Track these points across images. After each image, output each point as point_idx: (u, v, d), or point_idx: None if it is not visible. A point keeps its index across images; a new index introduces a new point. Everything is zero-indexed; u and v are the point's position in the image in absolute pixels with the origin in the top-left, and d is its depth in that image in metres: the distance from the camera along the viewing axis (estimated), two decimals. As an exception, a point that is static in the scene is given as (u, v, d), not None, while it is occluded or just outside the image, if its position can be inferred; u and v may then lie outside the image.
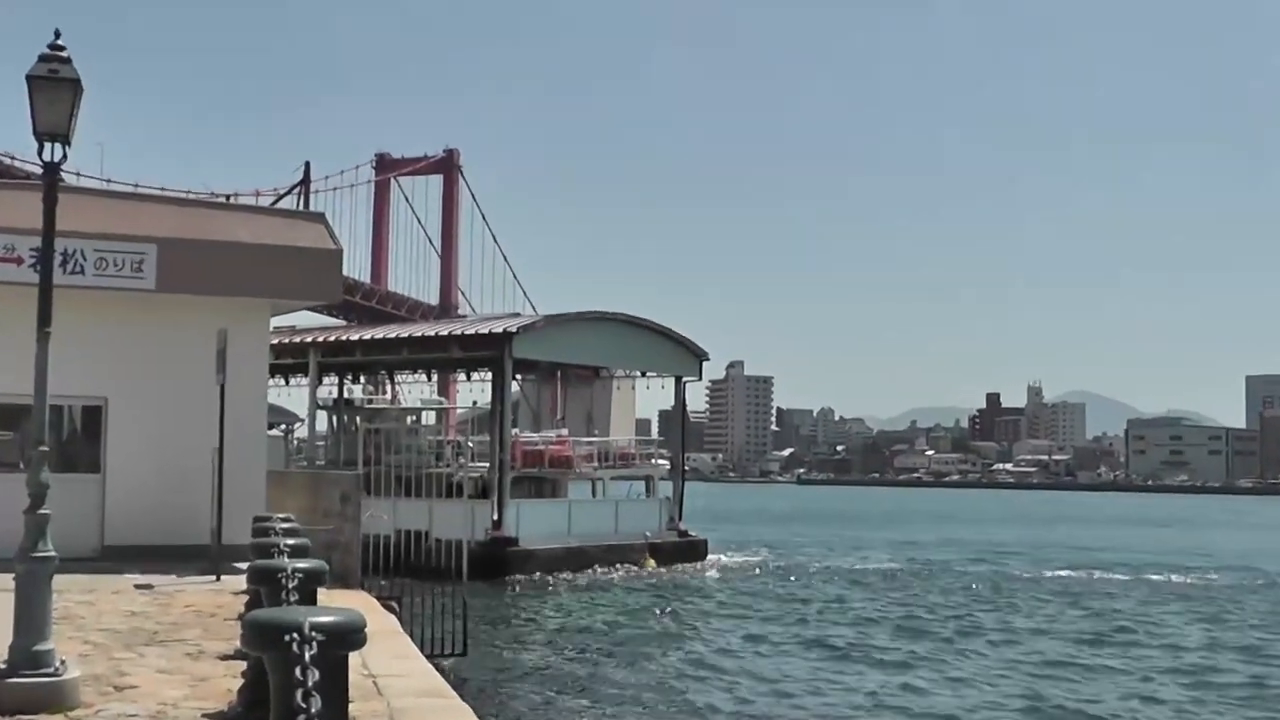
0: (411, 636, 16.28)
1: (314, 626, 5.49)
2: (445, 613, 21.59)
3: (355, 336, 52.03)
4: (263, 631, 5.65)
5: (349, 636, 5.72)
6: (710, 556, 51.52)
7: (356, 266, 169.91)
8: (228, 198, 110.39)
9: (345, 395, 56.23)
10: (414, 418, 52.24)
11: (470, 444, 48.39)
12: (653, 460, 53.69)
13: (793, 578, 46.08)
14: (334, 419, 53.83)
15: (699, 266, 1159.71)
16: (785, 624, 32.97)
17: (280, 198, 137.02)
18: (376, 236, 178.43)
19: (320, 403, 54.22)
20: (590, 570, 44.61)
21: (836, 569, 50.34)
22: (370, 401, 55.87)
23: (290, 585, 8.26)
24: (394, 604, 18.86)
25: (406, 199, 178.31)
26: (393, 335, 50.71)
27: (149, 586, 17.14)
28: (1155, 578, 49.04)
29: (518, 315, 57.77)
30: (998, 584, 45.02)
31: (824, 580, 45.55)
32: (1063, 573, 49.72)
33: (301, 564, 8.88)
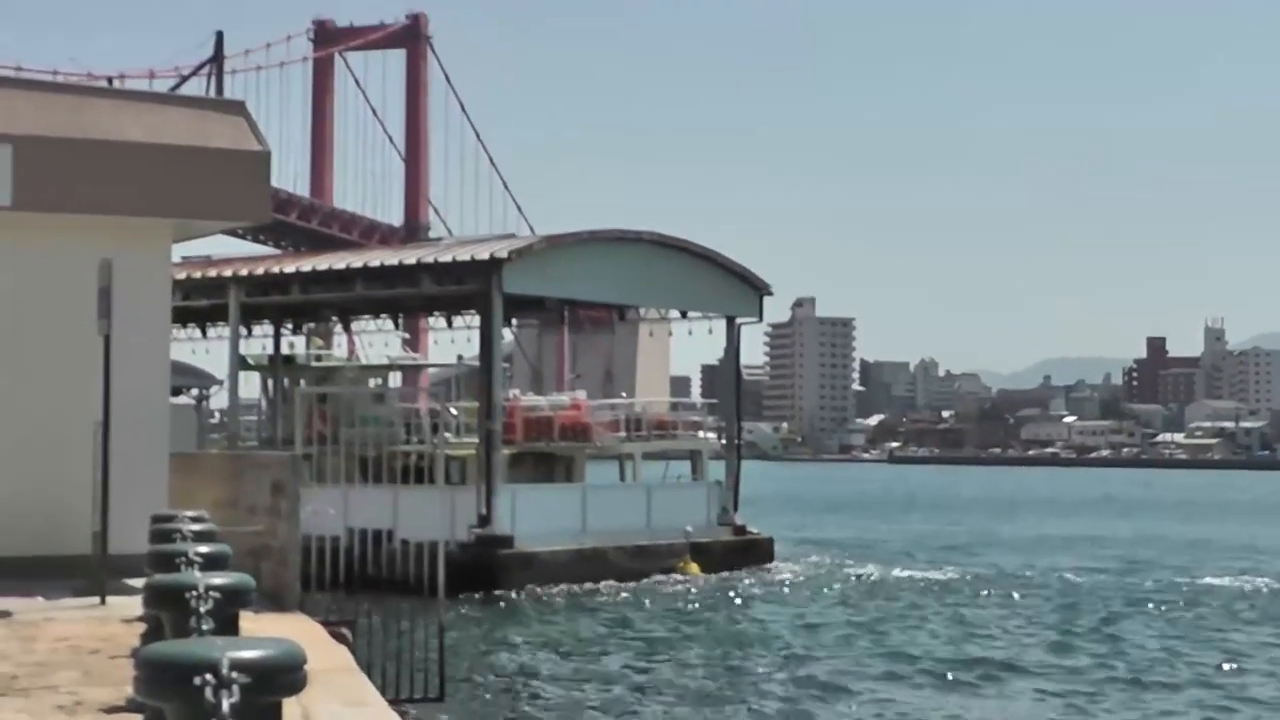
0: (370, 675, 16.23)
1: (236, 664, 5.45)
2: (415, 642, 21.61)
3: (291, 268, 52.13)
4: (165, 672, 5.58)
5: (283, 677, 5.67)
6: (777, 561, 51.63)
7: (291, 175, 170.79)
8: (110, 80, 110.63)
9: (284, 350, 56.46)
10: (379, 379, 52.48)
11: (454, 412, 48.56)
12: (699, 431, 53.79)
13: (906, 590, 46.12)
14: (268, 382, 54.03)
15: (753, 178, 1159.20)
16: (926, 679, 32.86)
17: (183, 80, 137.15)
18: (317, 134, 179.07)
19: (250, 360, 54.38)
20: (613, 580, 44.80)
21: (979, 578, 50.33)
22: (319, 359, 56.12)
23: (203, 608, 8.15)
24: (346, 631, 18.85)
25: (357, 82, 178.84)
26: (341, 266, 50.79)
27: (5, 614, 17.13)
28: None
29: (512, 237, 57.74)
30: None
31: (967, 599, 45.21)
32: None
33: (218, 579, 8.76)
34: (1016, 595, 45.45)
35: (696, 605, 42.14)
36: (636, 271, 50.85)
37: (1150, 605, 43.25)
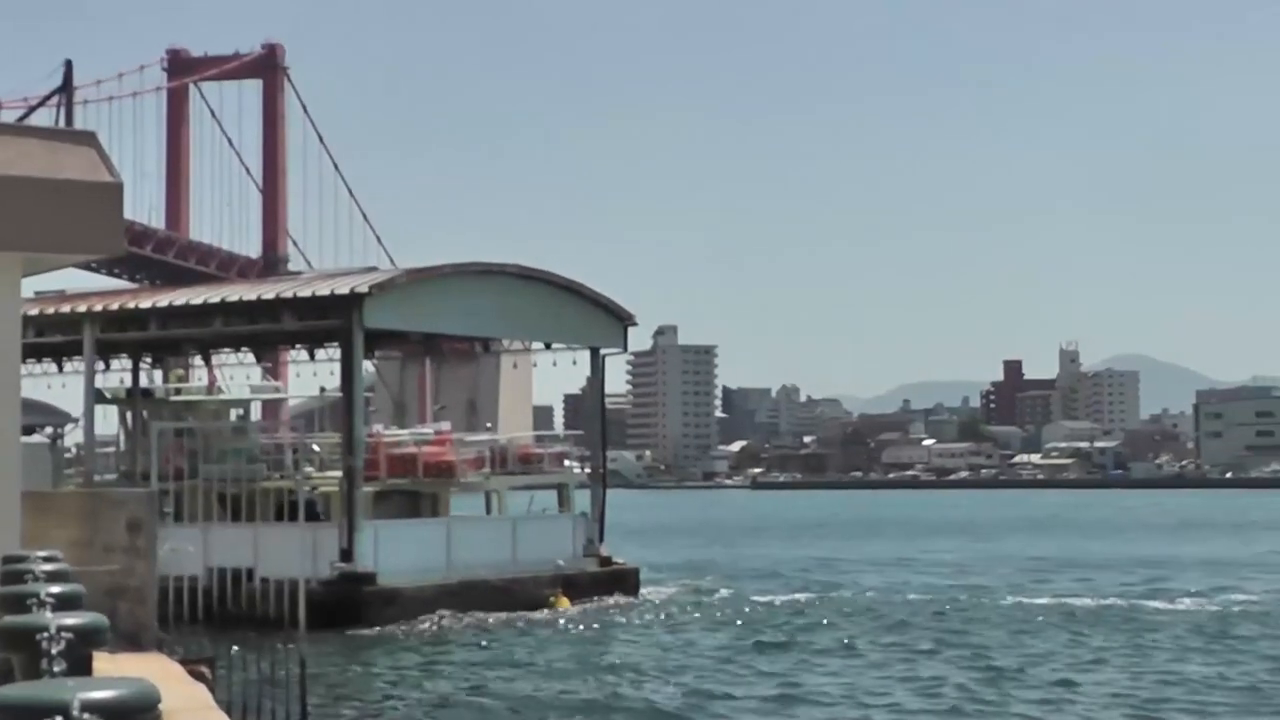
0: (230, 713, 16.02)
1: (87, 705, 5.30)
2: (276, 679, 21.34)
3: (148, 303, 51.38)
4: (14, 716, 5.40)
5: (136, 717, 5.53)
6: (644, 591, 51.64)
7: (145, 207, 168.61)
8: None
9: (142, 384, 55.68)
10: (240, 411, 51.83)
11: (317, 447, 48.08)
12: (565, 463, 53.70)
13: (766, 613, 46.31)
14: (126, 416, 53.26)
15: (614, 207, 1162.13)
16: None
17: (31, 110, 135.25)
18: (172, 165, 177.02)
19: (107, 394, 53.56)
20: (479, 614, 44.53)
21: (838, 600, 50.95)
22: (178, 392, 55.39)
23: (54, 650, 7.96)
24: (205, 670, 18.59)
25: (213, 113, 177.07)
26: (199, 301, 50.11)
27: None
28: None
29: (373, 270, 57.34)
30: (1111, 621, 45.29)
31: (831, 619, 45.58)
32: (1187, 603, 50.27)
33: (71, 619, 8.56)
34: (865, 616, 46.38)
35: (564, 637, 41.99)
36: (499, 304, 50.65)
37: (980, 624, 44.37)
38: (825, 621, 45.01)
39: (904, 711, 29.99)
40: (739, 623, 44.69)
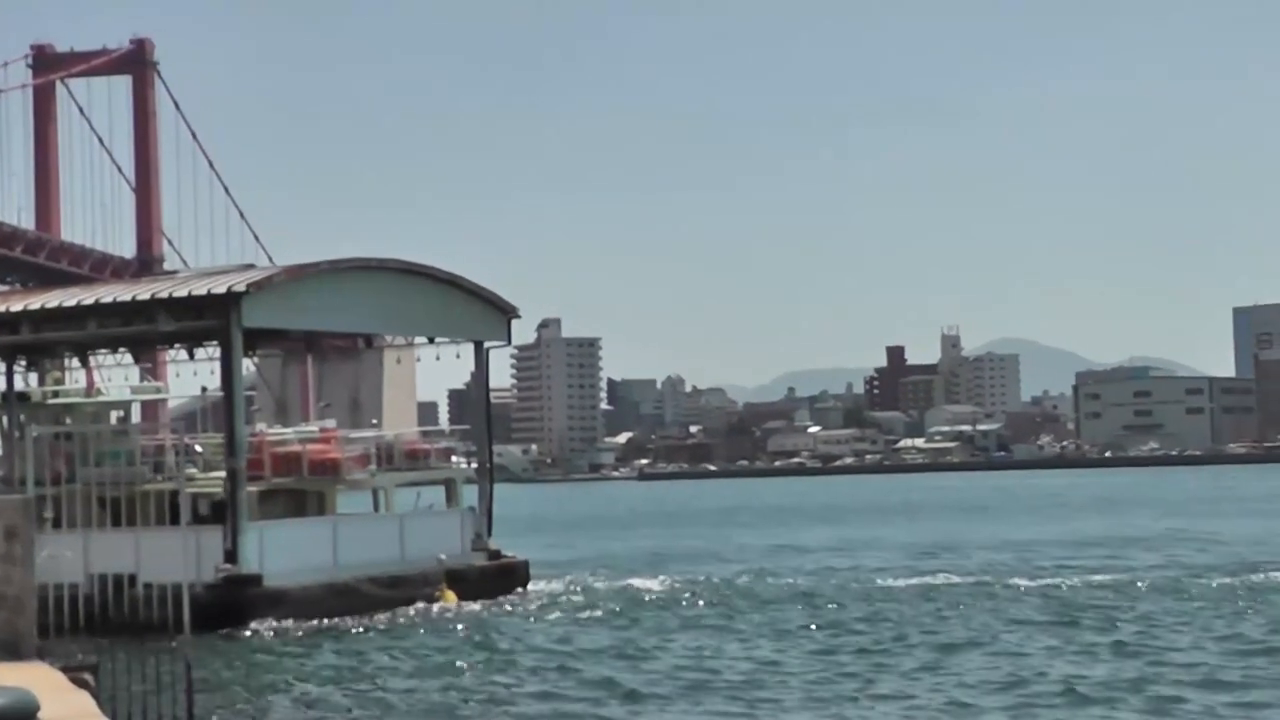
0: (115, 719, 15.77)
1: None
2: (161, 685, 21.04)
3: (19, 306, 50.52)
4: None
5: (18, 732, 5.42)
6: (533, 585, 51.47)
7: (14, 208, 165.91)
8: None
9: (18, 387, 54.69)
10: (120, 413, 51.02)
11: (199, 448, 47.45)
12: (451, 459, 53.36)
13: (652, 602, 46.33)
14: (2, 420, 52.34)
15: (495, 200, 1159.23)
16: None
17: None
18: (41, 165, 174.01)
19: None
20: (368, 612, 44.18)
21: (720, 586, 51.05)
22: (55, 394, 54.46)
23: (-70, 663, 7.77)
24: (88, 677, 18.31)
25: (82, 110, 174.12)
26: (73, 303, 49.30)
27: None
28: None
29: (251, 268, 56.74)
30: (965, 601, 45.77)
31: (715, 606, 45.70)
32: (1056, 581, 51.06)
33: (-54, 631, 8.36)
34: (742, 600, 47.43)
35: (449, 632, 41.71)
36: (381, 300, 50.23)
37: (836, 604, 45.55)
38: (711, 609, 45.25)
39: (783, 694, 30.21)
40: (627, 614, 44.66)
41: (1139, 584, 49.32)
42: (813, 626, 40.44)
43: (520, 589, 50.68)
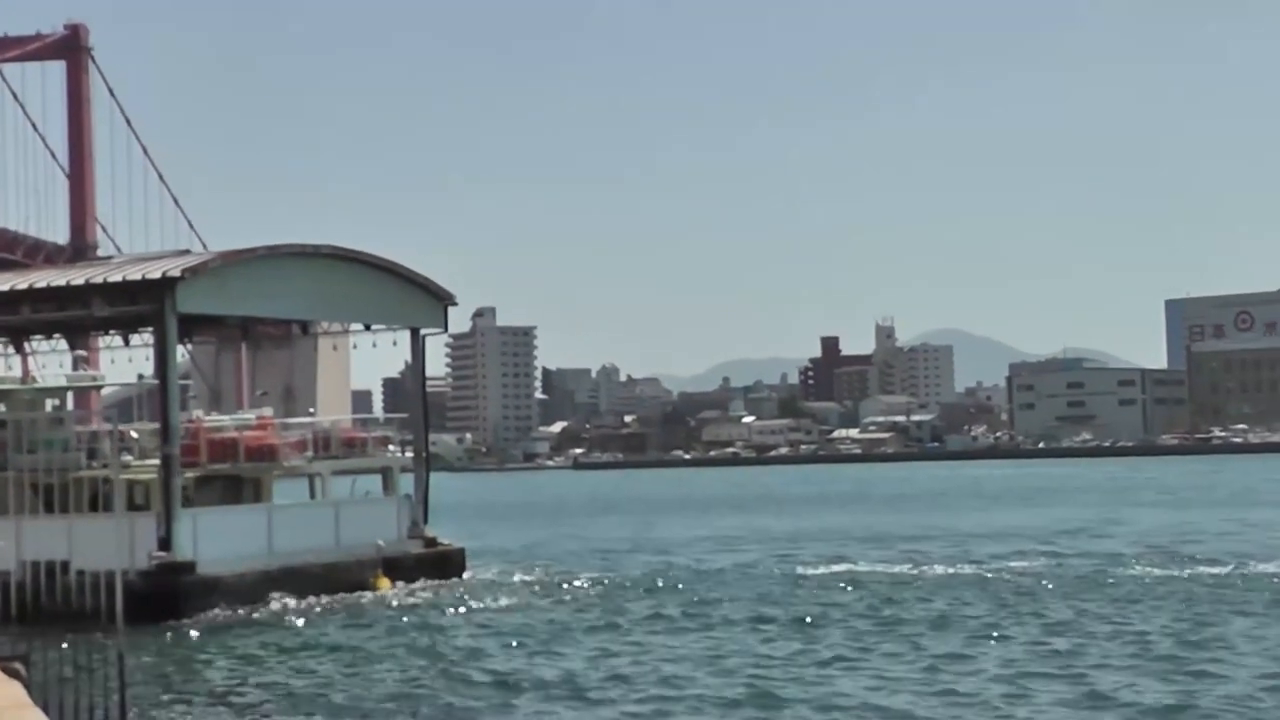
0: (47, 710, 15.66)
1: None
2: (95, 674, 20.88)
3: (-50, 292, 49.92)
4: None
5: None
6: (469, 572, 51.36)
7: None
8: None
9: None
10: (56, 401, 50.56)
11: (135, 434, 47.08)
12: (388, 447, 53.15)
13: (587, 592, 46.33)
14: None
15: (425, 188, 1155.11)
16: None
17: None
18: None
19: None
20: (301, 599, 44.00)
21: (650, 577, 51.13)
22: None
23: None
24: (20, 667, 18.19)
25: (14, 95, 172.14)
26: (5, 288, 48.85)
27: None
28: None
29: (186, 254, 56.25)
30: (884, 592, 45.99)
31: (635, 596, 45.76)
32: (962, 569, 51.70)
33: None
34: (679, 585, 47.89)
35: (379, 620, 41.51)
36: (317, 285, 49.96)
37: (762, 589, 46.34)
38: (639, 597, 45.55)
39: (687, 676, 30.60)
40: (560, 602, 44.82)
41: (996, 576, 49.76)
42: (735, 618, 40.45)
43: (457, 576, 50.61)
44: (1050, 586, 45.51)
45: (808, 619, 39.39)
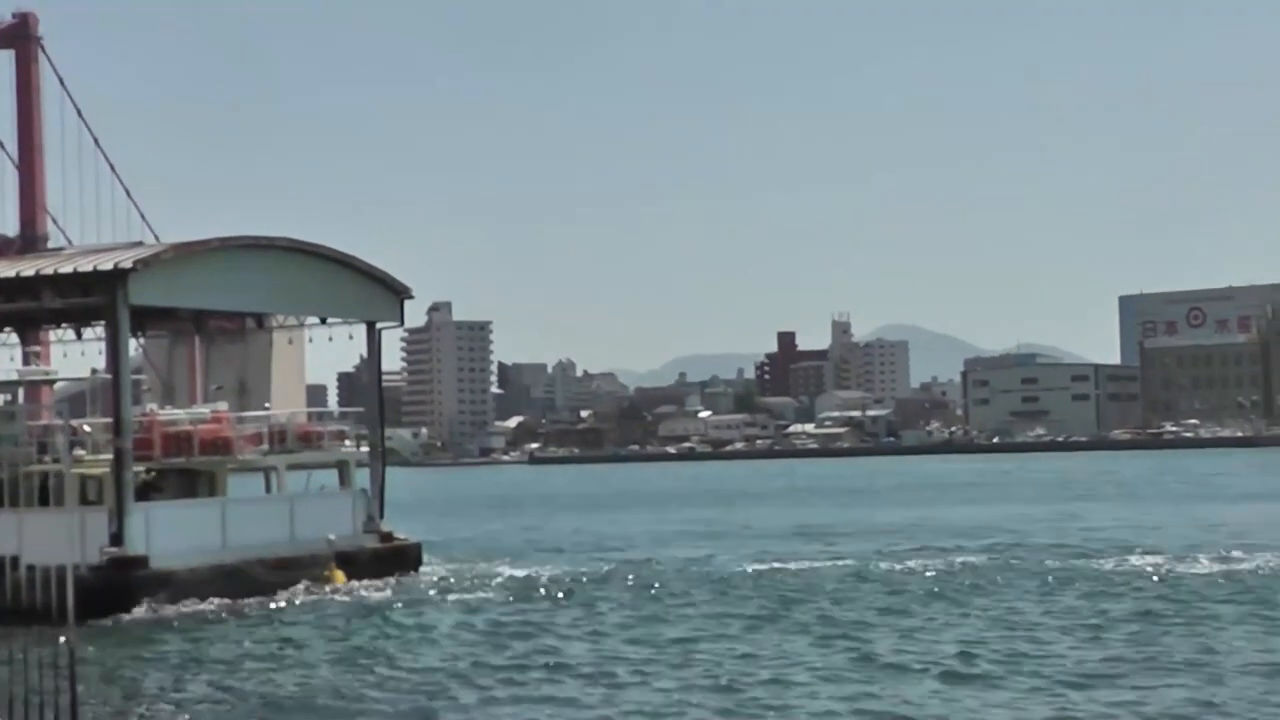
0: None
1: None
2: (45, 671, 20.62)
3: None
4: None
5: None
6: (425, 567, 51.10)
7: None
8: None
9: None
10: (8, 396, 50.07)
11: (88, 429, 46.66)
12: (344, 441, 52.82)
13: (547, 588, 46.19)
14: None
15: (381, 182, 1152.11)
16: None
17: None
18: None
19: None
20: (257, 594, 43.71)
21: (603, 573, 50.94)
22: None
23: None
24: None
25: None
26: (-46, 280, 48.20)
27: None
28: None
29: (139, 246, 55.72)
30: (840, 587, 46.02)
31: (590, 590, 45.63)
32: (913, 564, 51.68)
33: None
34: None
35: (333, 615, 41.20)
36: (272, 278, 49.60)
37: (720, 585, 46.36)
38: (595, 591, 45.58)
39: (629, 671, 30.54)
40: (516, 596, 44.66)
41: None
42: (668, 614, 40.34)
43: (412, 571, 50.36)
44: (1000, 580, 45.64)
45: (761, 614, 39.27)
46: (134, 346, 54.48)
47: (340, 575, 47.00)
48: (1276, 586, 42.35)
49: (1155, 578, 45.20)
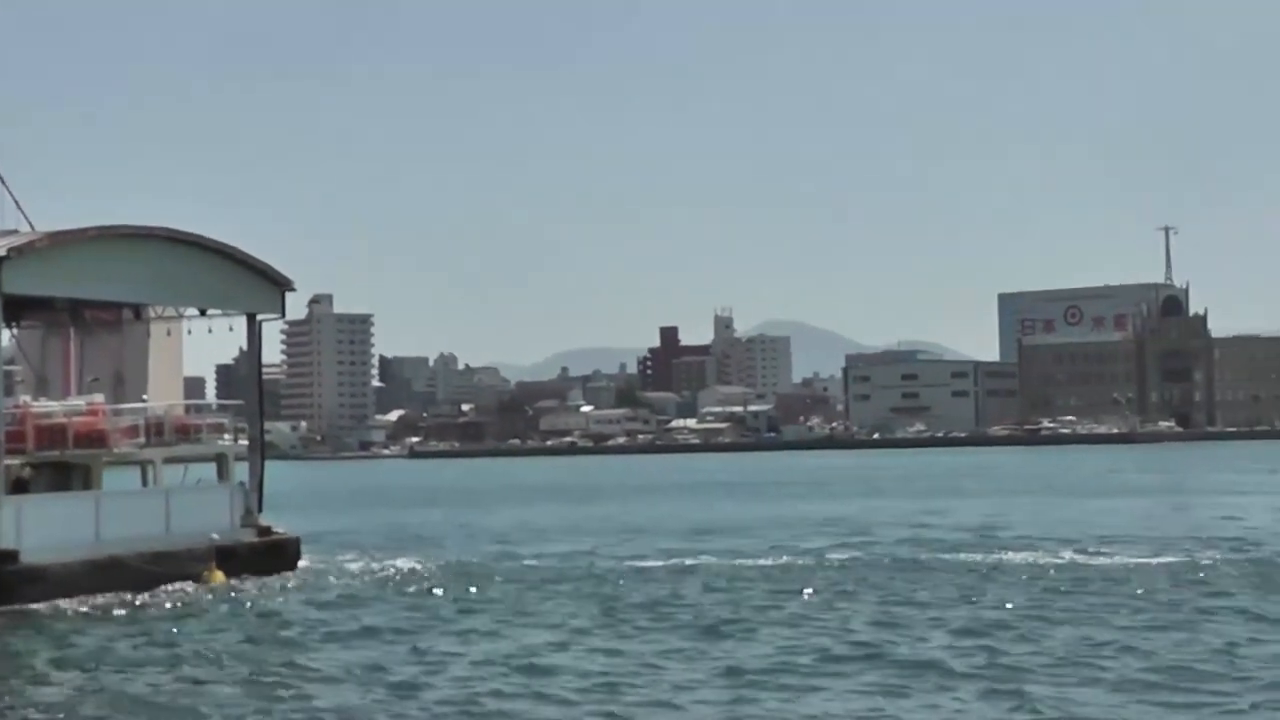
0: None
1: None
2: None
3: None
4: None
5: None
6: (305, 562, 50.71)
7: None
8: None
9: None
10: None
11: None
12: (223, 434, 52.25)
13: (424, 581, 46.01)
14: None
15: (260, 172, 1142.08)
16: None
17: None
18: None
19: None
20: (131, 590, 43.13)
21: (472, 566, 50.85)
22: None
23: None
24: None
25: None
26: None
27: None
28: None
29: (13, 233, 54.85)
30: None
31: (465, 586, 45.49)
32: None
33: None
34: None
35: (212, 612, 40.71)
36: (151, 268, 48.93)
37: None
38: (469, 586, 45.24)
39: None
40: (393, 591, 44.44)
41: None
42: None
43: (291, 566, 49.89)
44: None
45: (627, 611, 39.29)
46: (7, 337, 53.63)
47: (219, 575, 46.35)
48: (1138, 580, 43.05)
49: (1024, 575, 45.56)
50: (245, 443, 52.50)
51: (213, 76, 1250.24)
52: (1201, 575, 44.30)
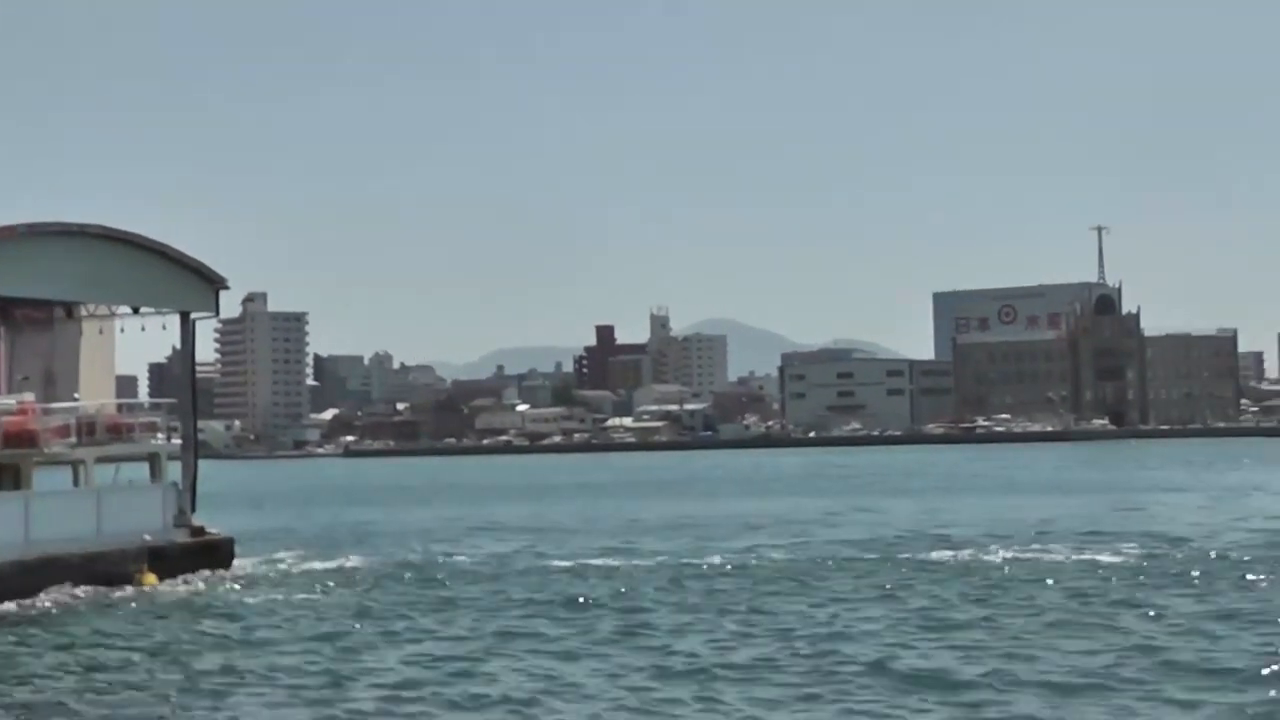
0: None
1: None
2: None
3: None
4: None
5: None
6: (239, 562, 50.45)
7: None
8: None
9: None
10: None
11: None
12: (156, 433, 51.95)
13: (361, 582, 45.91)
14: None
15: (194, 169, 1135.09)
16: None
17: None
18: None
19: None
20: (62, 592, 42.83)
21: (415, 566, 50.81)
22: None
23: None
24: None
25: None
26: None
27: None
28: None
29: (-58, 231, 54.43)
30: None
31: (399, 586, 45.42)
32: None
33: None
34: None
35: (143, 614, 40.40)
36: (82, 266, 48.61)
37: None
38: (403, 586, 45.34)
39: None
40: (326, 591, 44.29)
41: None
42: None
43: (224, 566, 49.62)
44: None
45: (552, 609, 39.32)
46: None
47: (151, 577, 46.03)
48: (1075, 574, 43.41)
49: (959, 572, 45.77)
50: (178, 442, 52.22)
51: (143, 73, 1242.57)
52: (1128, 574, 44.64)
